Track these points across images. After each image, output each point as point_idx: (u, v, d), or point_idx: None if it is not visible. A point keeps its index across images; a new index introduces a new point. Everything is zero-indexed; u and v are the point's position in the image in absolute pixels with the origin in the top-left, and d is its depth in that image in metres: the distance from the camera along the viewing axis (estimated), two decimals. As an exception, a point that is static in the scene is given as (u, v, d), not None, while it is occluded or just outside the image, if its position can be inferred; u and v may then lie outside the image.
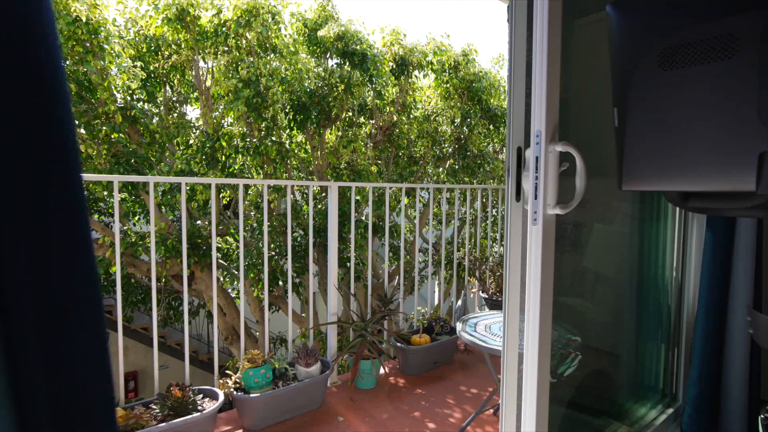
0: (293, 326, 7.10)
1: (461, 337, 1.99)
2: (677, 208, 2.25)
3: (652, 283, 2.30)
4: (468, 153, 5.62)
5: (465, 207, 3.65)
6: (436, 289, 9.31)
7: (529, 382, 1.39)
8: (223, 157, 4.23)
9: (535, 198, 1.26)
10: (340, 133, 5.40)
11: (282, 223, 4.87)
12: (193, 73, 4.50)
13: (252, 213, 4.99)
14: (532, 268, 1.28)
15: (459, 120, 5.39)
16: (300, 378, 2.40)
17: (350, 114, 5.24)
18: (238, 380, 2.28)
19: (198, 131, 4.48)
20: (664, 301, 2.29)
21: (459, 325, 2.11)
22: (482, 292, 3.63)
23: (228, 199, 6.62)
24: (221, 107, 4.23)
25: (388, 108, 5.22)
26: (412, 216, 6.97)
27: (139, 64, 4.13)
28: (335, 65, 4.66)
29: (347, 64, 4.51)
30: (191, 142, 4.39)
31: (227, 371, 2.34)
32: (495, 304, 3.48)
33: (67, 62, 3.69)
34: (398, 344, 2.90)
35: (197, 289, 4.84)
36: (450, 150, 5.63)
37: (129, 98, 4.59)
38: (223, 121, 4.50)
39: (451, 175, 5.62)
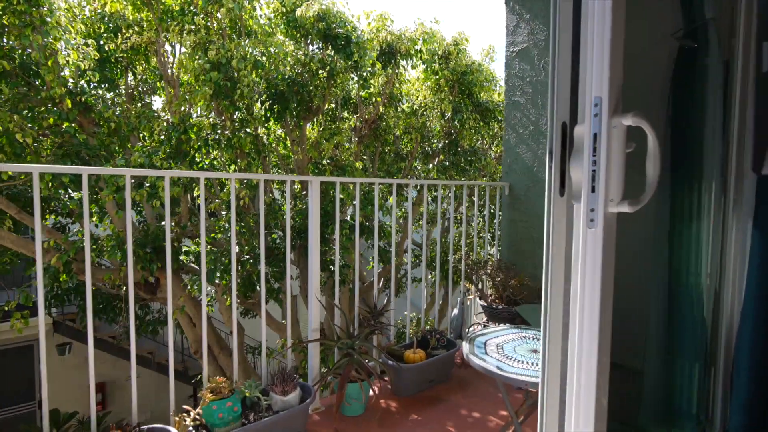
0: (272, 335, 6.65)
1: (471, 362, 1.64)
2: (713, 204, 1.96)
3: (683, 291, 2.01)
4: (458, 149, 5.30)
5: (459, 205, 3.33)
6: (424, 292, 9.01)
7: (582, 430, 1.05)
8: (192, 150, 3.78)
9: (593, 191, 0.92)
10: (321, 128, 5.01)
11: (259, 223, 4.45)
12: (158, 57, 4.03)
13: (223, 212, 4.55)
14: (587, 284, 0.94)
15: (450, 114, 5.07)
16: (275, 409, 2.02)
17: (333, 106, 4.84)
18: (198, 415, 1.88)
19: (163, 122, 4.01)
20: (698, 312, 2.00)
21: (466, 346, 1.77)
22: (480, 299, 3.30)
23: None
24: (188, 94, 3.78)
25: (374, 99, 4.85)
26: (398, 216, 6.63)
27: (90, 41, 3.63)
28: (316, 50, 4.26)
29: (329, 48, 4.11)
30: (155, 133, 3.92)
31: (182, 409, 1.93)
32: (495, 313, 3.15)
33: (5, 40, 3.19)
34: (390, 362, 2.54)
35: (164, 297, 4.37)
36: (440, 146, 5.30)
37: (85, 83, 4.08)
38: (191, 111, 4.05)
39: (441, 172, 5.29)
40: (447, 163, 5.27)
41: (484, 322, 3.42)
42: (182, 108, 4.00)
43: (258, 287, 4.34)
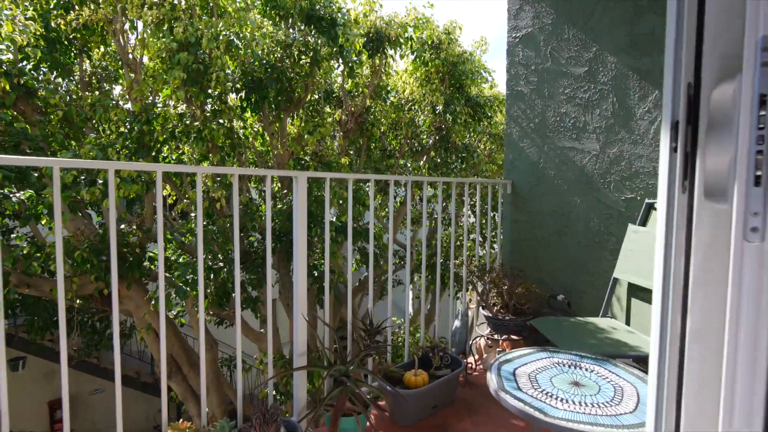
0: (250, 346, 6.16)
1: (504, 403, 1.31)
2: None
3: None
4: (449, 145, 4.98)
5: (452, 204, 3.01)
6: (410, 295, 8.68)
7: None
8: (156, 143, 3.32)
9: (756, 184, 0.60)
10: (303, 121, 4.60)
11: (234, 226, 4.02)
12: (115, 38, 3.53)
13: (194, 214, 4.09)
14: (744, 327, 0.62)
15: (441, 107, 4.75)
16: (254, 457, 1.63)
17: (316, 98, 4.44)
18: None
19: (122, 112, 3.51)
20: None
21: (493, 379, 1.44)
22: (483, 308, 2.99)
23: (174, 198, 5.65)
24: (152, 80, 3.32)
25: (360, 89, 4.47)
26: (382, 216, 6.29)
27: (30, 13, 3.12)
28: (298, 33, 3.85)
29: (313, 31, 3.71)
30: (111, 124, 3.43)
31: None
32: (500, 324, 2.85)
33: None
34: (389, 388, 2.18)
35: (126, 309, 3.88)
36: (430, 141, 4.98)
37: (31, 65, 3.55)
38: (156, 99, 3.58)
39: (433, 170, 4.97)
40: (438, 160, 4.95)
41: (488, 335, 3.12)
42: (148, 96, 3.53)
43: (233, 295, 3.91)
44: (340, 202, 3.64)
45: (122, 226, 3.60)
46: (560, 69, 2.98)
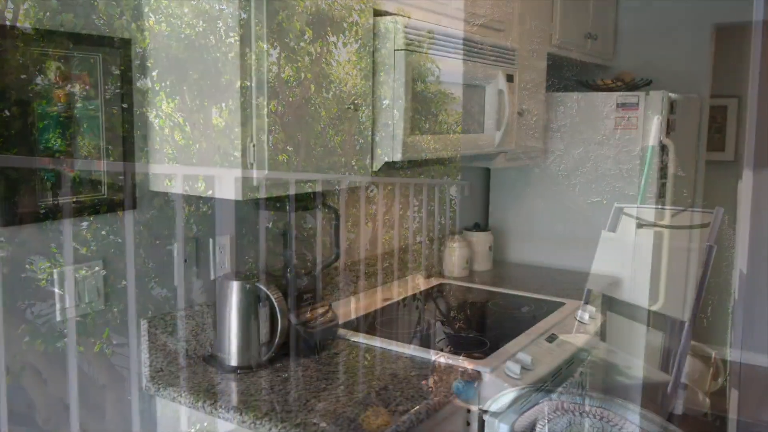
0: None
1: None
2: None
3: None
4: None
5: (412, 208, 2.69)
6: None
7: None
8: (34, 130, 2.57)
9: None
10: (229, 115, 3.98)
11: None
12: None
13: None
14: None
15: (388, 101, 4.38)
16: None
17: (248, 84, 3.86)
18: None
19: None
20: None
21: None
22: (443, 324, 2.68)
23: None
24: (27, 47, 2.55)
25: (304, 75, 3.97)
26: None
27: None
28: (226, 4, 3.25)
29: (245, 4, 3.13)
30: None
31: None
32: (462, 342, 2.55)
33: None
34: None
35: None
36: (377, 139, 4.60)
37: None
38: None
39: (382, 170, 4.60)
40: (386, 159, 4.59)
41: (448, 351, 2.83)
42: (20, 70, 2.73)
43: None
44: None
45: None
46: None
